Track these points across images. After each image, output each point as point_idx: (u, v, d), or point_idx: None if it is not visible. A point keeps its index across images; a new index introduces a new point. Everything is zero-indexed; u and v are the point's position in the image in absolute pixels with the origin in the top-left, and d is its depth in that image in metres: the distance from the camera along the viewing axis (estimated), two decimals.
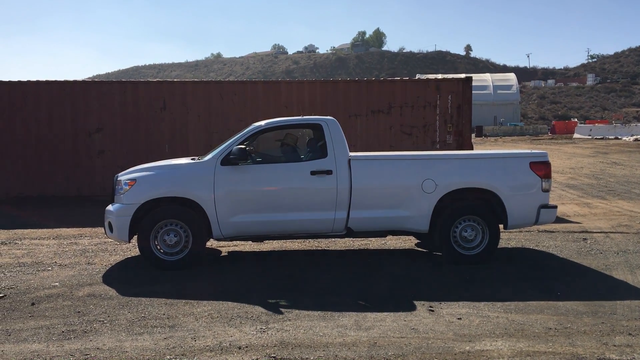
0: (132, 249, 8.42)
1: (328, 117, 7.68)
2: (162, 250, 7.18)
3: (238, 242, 8.33)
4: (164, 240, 7.14)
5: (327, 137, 7.39)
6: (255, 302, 5.91)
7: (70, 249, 8.53)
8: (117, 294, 6.25)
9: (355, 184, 7.24)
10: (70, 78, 19.30)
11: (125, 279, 6.87)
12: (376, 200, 7.33)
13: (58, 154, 13.70)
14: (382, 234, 7.69)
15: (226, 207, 7.11)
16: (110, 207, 7.35)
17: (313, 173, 7.23)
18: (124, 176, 7.39)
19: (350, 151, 7.52)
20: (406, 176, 7.38)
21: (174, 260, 7.16)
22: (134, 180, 7.19)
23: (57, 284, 6.67)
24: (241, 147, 7.14)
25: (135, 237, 7.26)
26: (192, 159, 7.68)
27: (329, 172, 7.23)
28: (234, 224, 7.19)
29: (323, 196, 7.23)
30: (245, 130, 7.62)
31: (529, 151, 7.88)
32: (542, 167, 7.47)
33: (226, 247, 8.62)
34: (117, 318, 5.47)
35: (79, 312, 5.67)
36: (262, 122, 7.76)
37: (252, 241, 7.86)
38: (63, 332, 5.12)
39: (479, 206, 7.45)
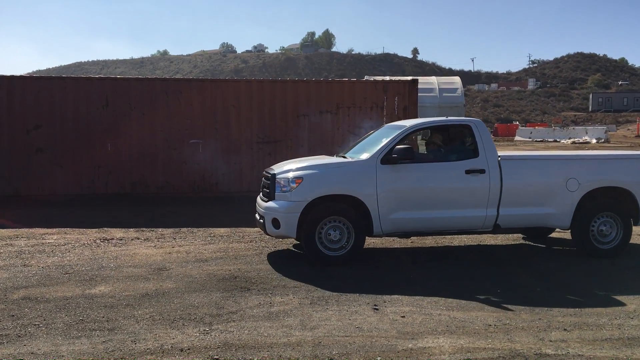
0: (71, 250, 8.15)
1: (475, 119, 8.15)
2: (324, 246, 7.33)
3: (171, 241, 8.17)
4: (328, 235, 7.30)
5: (477, 137, 7.75)
6: (198, 303, 5.82)
7: (5, 250, 8.17)
8: (54, 296, 6.03)
9: (506, 182, 7.58)
10: (8, 73, 18.50)
11: (63, 281, 6.63)
12: (524, 198, 7.71)
13: None
14: (524, 230, 8.15)
15: (387, 205, 7.36)
16: (272, 204, 7.42)
17: (468, 172, 7.55)
18: (285, 174, 7.46)
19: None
20: (552, 175, 7.80)
21: (337, 255, 7.35)
22: (300, 178, 7.32)
23: None
24: (407, 147, 7.38)
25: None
26: (339, 157, 8.04)
27: (482, 171, 7.55)
28: (394, 220, 7.43)
29: (476, 194, 7.58)
30: (400, 131, 7.79)
31: None
32: None
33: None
34: (54, 322, 5.28)
35: (13, 315, 5.44)
36: (409, 123, 8.12)
37: (400, 237, 8.07)
38: None
39: (615, 203, 7.89)
